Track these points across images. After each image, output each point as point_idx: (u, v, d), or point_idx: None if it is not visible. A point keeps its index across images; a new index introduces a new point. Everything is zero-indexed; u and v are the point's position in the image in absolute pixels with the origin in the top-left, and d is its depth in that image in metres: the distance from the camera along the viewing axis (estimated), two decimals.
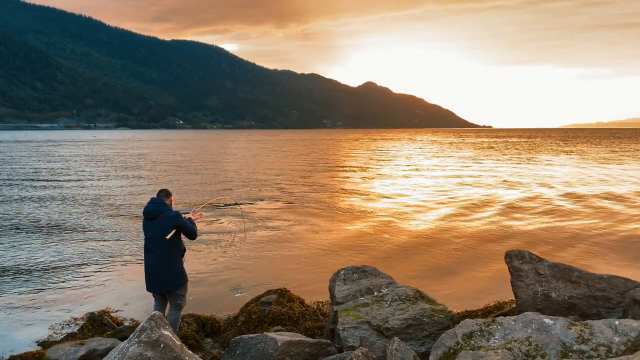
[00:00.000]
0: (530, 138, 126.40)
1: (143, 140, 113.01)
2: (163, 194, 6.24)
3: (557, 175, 30.93)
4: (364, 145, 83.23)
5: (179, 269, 6.11)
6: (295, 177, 30.56)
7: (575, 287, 5.74)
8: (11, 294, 9.14)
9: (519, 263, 6.00)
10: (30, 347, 6.67)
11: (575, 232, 14.27)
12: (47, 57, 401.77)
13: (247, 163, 42.87)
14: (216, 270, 10.72)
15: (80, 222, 15.99)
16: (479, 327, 4.40)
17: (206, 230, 14.74)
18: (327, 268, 10.30)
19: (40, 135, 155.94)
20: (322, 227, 15.29)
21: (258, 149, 68.02)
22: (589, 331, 4.14)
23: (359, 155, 54.50)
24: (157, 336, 3.99)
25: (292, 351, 4.70)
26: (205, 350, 6.70)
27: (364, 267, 6.53)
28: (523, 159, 47.45)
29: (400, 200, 21.02)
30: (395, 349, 4.48)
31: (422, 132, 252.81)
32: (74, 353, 5.63)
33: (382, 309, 5.46)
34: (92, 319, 7.30)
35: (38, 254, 12.03)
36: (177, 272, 6.08)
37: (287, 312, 7.27)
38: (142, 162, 44.35)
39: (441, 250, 12.41)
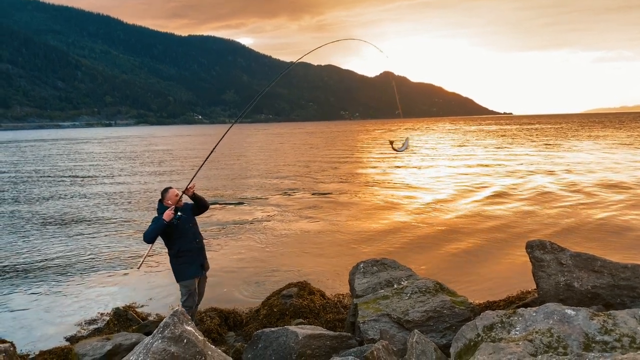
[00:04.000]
0: (554, 124, 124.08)
1: (165, 136, 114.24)
2: (161, 194, 6.36)
3: (585, 161, 30.42)
4: (384, 136, 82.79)
5: (172, 266, 6.31)
6: (318, 170, 30.58)
7: (598, 277, 5.66)
8: (39, 290, 9.39)
9: (540, 253, 5.94)
10: (58, 343, 6.84)
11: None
12: (67, 56, 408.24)
13: (270, 156, 43.02)
14: (238, 263, 10.84)
15: (109, 217, 16.35)
16: (500, 319, 4.37)
17: (228, 223, 14.91)
18: (347, 261, 10.32)
19: (64, 133, 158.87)
20: (344, 219, 15.31)
21: (279, 143, 68.22)
22: (612, 321, 4.09)
23: (381, 146, 54.21)
24: (180, 332, 4.06)
25: (313, 344, 4.74)
26: (228, 343, 6.80)
27: (384, 260, 6.54)
28: (552, 145, 46.65)
29: (424, 191, 20.91)
30: (415, 341, 4.49)
31: (442, 121, 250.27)
32: (101, 348, 5.76)
33: (402, 302, 5.47)
34: (118, 314, 7.46)
35: (66, 249, 12.33)
36: (172, 269, 6.33)
37: (308, 305, 7.32)
38: (168, 157, 44.89)
39: (466, 240, 12.33)
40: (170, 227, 6.03)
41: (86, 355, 5.69)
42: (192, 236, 6.27)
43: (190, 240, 6.24)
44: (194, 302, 6.34)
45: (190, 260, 6.25)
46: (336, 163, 34.74)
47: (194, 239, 6.29)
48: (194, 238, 6.29)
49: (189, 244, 6.23)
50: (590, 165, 28.25)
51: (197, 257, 6.31)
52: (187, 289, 6.28)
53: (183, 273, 6.25)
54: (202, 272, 6.43)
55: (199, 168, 6.81)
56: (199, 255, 6.34)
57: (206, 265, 6.55)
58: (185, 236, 6.21)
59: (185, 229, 6.20)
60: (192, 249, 6.25)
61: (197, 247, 6.32)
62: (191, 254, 6.25)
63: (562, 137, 61.46)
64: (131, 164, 39.01)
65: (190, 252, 6.25)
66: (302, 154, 45.36)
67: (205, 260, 6.51)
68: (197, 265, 6.31)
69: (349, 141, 67.58)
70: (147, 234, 6.03)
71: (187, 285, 6.28)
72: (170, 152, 51.81)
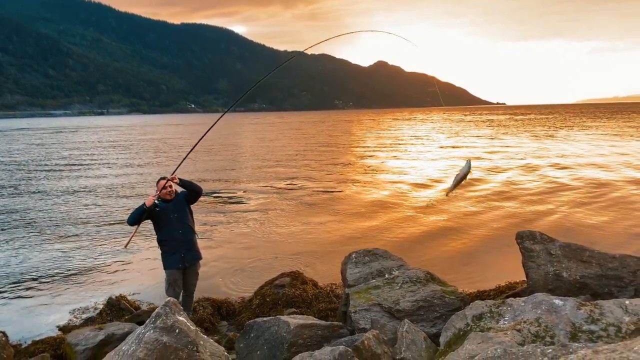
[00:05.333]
0: (547, 115, 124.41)
1: (158, 125, 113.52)
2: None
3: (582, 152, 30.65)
4: (379, 126, 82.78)
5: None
6: (313, 160, 30.54)
7: (586, 267, 5.73)
8: (31, 281, 9.38)
9: (530, 244, 5.99)
10: (51, 332, 6.87)
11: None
12: (58, 44, 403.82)
13: (265, 146, 42.90)
14: (231, 253, 10.87)
15: (100, 208, 16.28)
16: (489, 309, 4.43)
17: (222, 212, 14.91)
18: (340, 251, 10.37)
19: (56, 122, 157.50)
20: (338, 210, 15.36)
21: (273, 133, 68.01)
22: (599, 311, 4.15)
23: (375, 136, 54.22)
24: (172, 322, 4.09)
25: (305, 334, 4.78)
26: (221, 333, 6.84)
27: (375, 250, 6.58)
28: (544, 136, 46.82)
29: (417, 180, 20.99)
30: (405, 330, 4.54)
31: (436, 111, 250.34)
32: (93, 337, 5.78)
33: (393, 291, 5.52)
34: (110, 304, 7.47)
35: (58, 239, 12.31)
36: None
37: (300, 295, 7.37)
38: (163, 146, 44.67)
39: (457, 231, 12.41)
40: (153, 213, 6.11)
41: (78, 344, 5.70)
42: (176, 226, 6.21)
43: (172, 230, 6.21)
44: (175, 293, 6.27)
45: (171, 250, 6.25)
46: (332, 154, 34.74)
47: (177, 230, 6.22)
48: (177, 229, 6.22)
49: (170, 234, 6.22)
50: (581, 157, 28.46)
51: (179, 248, 6.24)
52: (167, 279, 6.34)
53: (164, 262, 6.32)
54: (183, 265, 6.30)
55: (185, 156, 6.76)
56: (181, 247, 6.25)
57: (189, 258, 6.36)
58: (168, 225, 6.21)
59: (168, 218, 6.20)
60: (173, 239, 6.23)
61: (180, 238, 6.23)
62: (172, 244, 6.24)
63: (555, 127, 61.69)
64: (126, 152, 38.82)
65: (172, 242, 6.24)
66: (298, 143, 45.28)
67: (191, 254, 6.37)
68: (177, 257, 6.24)
69: (344, 131, 67.47)
70: (129, 216, 6.22)
71: (168, 275, 6.32)
72: (165, 141, 51.55)
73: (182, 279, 6.41)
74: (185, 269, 6.41)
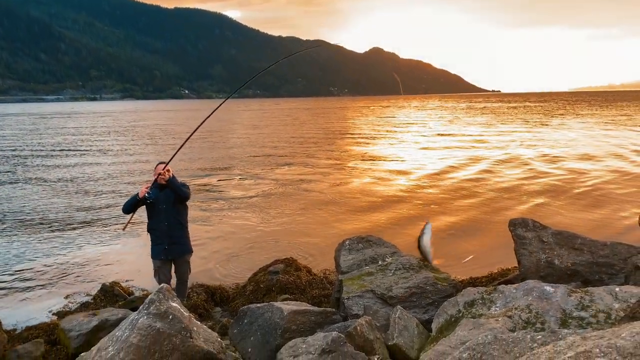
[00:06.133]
0: (542, 102, 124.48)
1: (153, 111, 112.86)
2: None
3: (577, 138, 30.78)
4: (374, 113, 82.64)
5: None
6: (309, 146, 30.53)
7: (578, 254, 5.78)
8: (24, 264, 9.37)
9: (523, 231, 6.03)
10: (45, 318, 6.87)
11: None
12: (50, 28, 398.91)
13: (261, 133, 42.77)
14: (225, 239, 10.89)
15: (96, 194, 16.28)
16: (481, 296, 4.47)
17: (217, 199, 14.91)
18: (334, 237, 10.40)
19: (49, 107, 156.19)
20: (333, 195, 15.42)
21: (269, 119, 67.75)
22: (590, 298, 4.20)
23: (371, 123, 54.15)
24: (165, 308, 4.10)
25: (298, 320, 4.81)
26: (214, 319, 6.87)
27: (369, 237, 6.60)
28: (538, 123, 46.89)
29: (413, 167, 21.10)
30: (398, 317, 4.58)
31: (431, 98, 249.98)
32: (87, 323, 5.79)
33: (386, 278, 5.55)
34: (104, 290, 7.48)
35: (53, 222, 12.29)
36: None
37: (294, 281, 7.41)
38: (159, 132, 44.46)
39: (450, 216, 12.47)
40: (144, 202, 6.13)
41: (72, 330, 5.71)
42: (162, 218, 6.17)
43: (159, 221, 6.19)
44: (160, 281, 6.22)
45: (156, 240, 6.26)
46: (327, 139, 34.72)
47: (163, 222, 6.17)
48: (163, 220, 6.17)
49: (157, 224, 6.22)
50: (572, 142, 28.60)
51: (163, 239, 6.21)
52: (153, 267, 6.38)
53: (151, 250, 6.36)
54: (166, 257, 6.26)
55: (181, 145, 6.71)
56: (165, 239, 6.20)
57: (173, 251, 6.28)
58: (156, 215, 6.21)
59: (158, 208, 6.18)
60: (158, 229, 6.21)
61: (165, 230, 6.18)
62: (157, 234, 6.24)
63: (550, 115, 61.79)
64: (121, 139, 38.61)
65: (157, 232, 6.24)
66: (294, 130, 45.16)
67: (176, 247, 6.29)
68: (161, 248, 6.23)
69: (339, 118, 67.30)
70: (124, 205, 6.30)
71: (153, 264, 6.36)
72: (160, 128, 51.27)
73: (168, 268, 6.39)
74: (176, 259, 6.40)
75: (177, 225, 6.27)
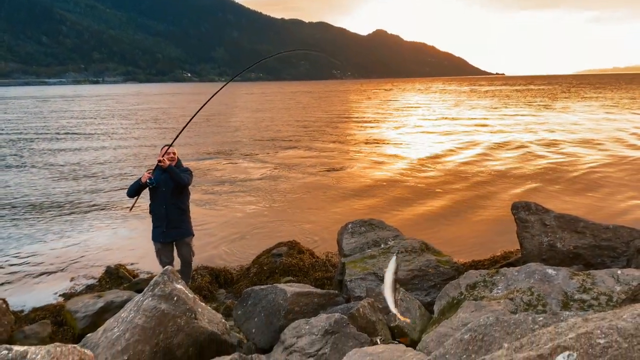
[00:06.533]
0: (546, 85, 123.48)
1: (156, 94, 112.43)
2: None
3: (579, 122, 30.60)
4: (378, 96, 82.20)
5: None
6: (312, 129, 30.42)
7: (580, 237, 5.79)
8: (31, 247, 9.46)
9: (525, 214, 6.04)
10: (51, 300, 6.96)
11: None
12: (51, 10, 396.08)
13: (264, 116, 42.64)
14: (229, 222, 10.94)
15: (105, 173, 16.45)
16: (483, 278, 4.50)
17: (221, 182, 14.94)
18: (336, 220, 10.43)
19: (52, 90, 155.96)
20: (335, 178, 15.44)
21: (272, 103, 67.48)
22: (591, 280, 4.22)
23: (374, 106, 53.88)
24: (170, 290, 4.15)
25: (301, 301, 4.85)
26: (219, 300, 6.95)
27: (371, 221, 6.62)
28: (541, 107, 46.57)
29: (416, 149, 21.09)
30: (400, 299, 4.61)
31: (435, 81, 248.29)
32: (93, 305, 5.86)
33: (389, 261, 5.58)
34: (109, 273, 7.55)
35: (59, 206, 12.39)
36: None
37: (297, 264, 7.46)
38: (162, 116, 44.38)
39: (453, 198, 12.49)
40: (147, 186, 6.17)
41: (78, 312, 5.79)
42: (161, 201, 6.21)
43: (158, 204, 6.24)
44: (162, 263, 6.31)
45: (155, 223, 6.32)
46: (330, 123, 34.59)
47: (162, 205, 6.21)
48: (162, 204, 6.21)
49: (156, 207, 6.27)
50: (574, 126, 28.45)
51: (161, 222, 6.25)
52: (155, 249, 6.43)
53: (151, 232, 6.41)
54: (164, 239, 6.31)
55: (183, 127, 6.69)
56: (162, 222, 6.24)
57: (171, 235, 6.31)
58: (156, 198, 6.26)
59: (158, 191, 6.22)
60: (157, 213, 6.27)
61: (163, 213, 6.22)
62: (156, 217, 6.30)
63: (553, 98, 61.32)
64: (125, 122, 38.59)
65: (156, 215, 6.29)
66: (297, 114, 45.00)
67: (174, 231, 6.31)
68: (159, 231, 6.27)
69: (343, 102, 66.98)
70: (128, 189, 6.38)
71: (154, 246, 6.41)
72: (164, 111, 51.13)
73: (170, 250, 6.43)
74: (176, 242, 6.43)
75: (176, 210, 6.29)
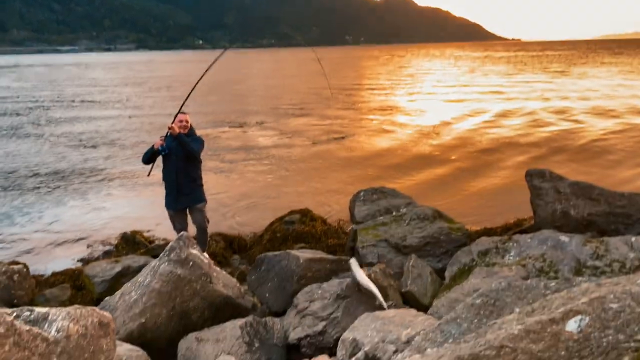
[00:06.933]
0: (564, 51, 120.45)
1: (168, 62, 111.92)
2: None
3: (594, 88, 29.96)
4: (391, 62, 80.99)
5: None
6: (325, 97, 30.09)
7: (595, 205, 5.74)
8: (50, 213, 9.66)
9: (539, 182, 5.98)
10: (70, 265, 7.12)
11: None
12: None
13: (277, 83, 42.34)
14: (242, 190, 11.02)
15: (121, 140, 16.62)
16: (495, 245, 4.51)
17: (234, 149, 15.01)
18: (348, 189, 10.44)
19: (64, 58, 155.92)
20: (348, 146, 15.43)
21: (284, 69, 66.85)
22: (605, 247, 4.21)
23: (388, 73, 53.17)
24: (185, 255, 4.22)
25: (314, 267, 4.92)
26: (233, 266, 7.06)
27: (383, 189, 6.63)
28: (558, 73, 45.58)
29: (431, 116, 20.93)
30: (412, 265, 4.66)
31: (449, 47, 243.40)
32: (110, 270, 6.00)
33: (401, 228, 5.61)
34: (126, 239, 7.69)
35: (78, 172, 12.67)
36: None
37: (309, 231, 7.52)
38: (175, 83, 44.10)
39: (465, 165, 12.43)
40: (159, 153, 6.20)
41: (96, 276, 5.94)
42: (172, 168, 6.20)
43: (169, 171, 6.23)
44: (176, 229, 6.37)
45: (167, 190, 6.33)
46: (343, 90, 34.20)
47: (172, 172, 6.20)
48: (172, 171, 6.20)
49: (167, 174, 6.26)
50: (592, 92, 27.85)
51: (171, 190, 6.27)
52: (168, 215, 6.49)
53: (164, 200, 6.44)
54: (174, 207, 6.34)
55: (190, 91, 6.67)
56: (173, 190, 6.26)
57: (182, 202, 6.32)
58: (167, 165, 6.25)
59: (169, 159, 6.21)
60: (168, 180, 6.27)
61: (173, 180, 6.21)
62: (167, 184, 6.31)
63: (571, 64, 59.87)
64: (139, 90, 38.63)
65: (167, 183, 6.30)
66: (308, 81, 44.56)
67: (185, 198, 6.30)
68: (170, 198, 6.29)
69: (355, 68, 66.13)
70: (142, 156, 6.46)
71: (167, 212, 6.46)
72: (176, 79, 50.90)
73: (183, 217, 6.46)
74: (189, 209, 6.46)
75: (186, 177, 6.27)
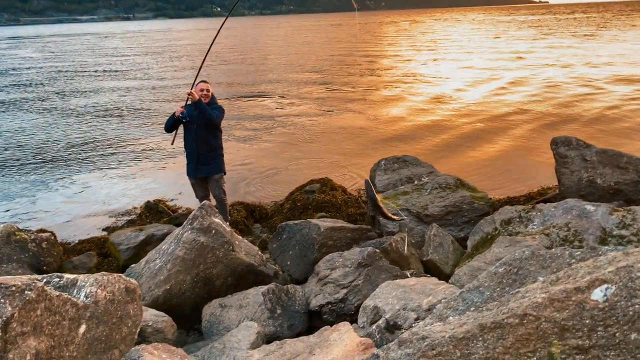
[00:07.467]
0: (594, 13, 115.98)
1: (186, 30, 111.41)
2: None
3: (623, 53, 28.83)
4: (414, 27, 79.23)
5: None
6: (347, 65, 29.76)
7: (622, 173, 5.61)
8: (75, 184, 9.86)
9: (565, 149, 5.86)
10: (96, 233, 7.30)
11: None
12: None
13: (296, 51, 41.85)
14: (262, 160, 11.05)
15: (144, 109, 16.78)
16: (518, 214, 4.45)
17: (254, 118, 15.00)
18: (369, 158, 10.39)
19: (84, 27, 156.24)
20: (372, 116, 15.26)
21: (304, 36, 65.96)
22: (632, 217, 4.12)
23: (411, 39, 52.06)
24: (208, 223, 4.27)
25: (334, 236, 4.94)
26: (254, 234, 7.15)
27: (405, 157, 6.57)
28: (586, 37, 44.05)
29: (451, 85, 20.48)
30: (433, 234, 4.64)
31: (473, 11, 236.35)
32: (135, 238, 6.13)
33: (422, 197, 5.57)
34: (149, 207, 7.82)
35: (102, 141, 12.86)
36: None
37: (330, 200, 7.53)
38: (195, 52, 43.90)
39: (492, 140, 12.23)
40: (180, 121, 6.25)
41: (121, 244, 6.07)
42: (192, 137, 6.22)
43: (189, 140, 6.26)
44: (197, 196, 6.51)
45: (187, 158, 6.41)
46: (366, 58, 33.67)
47: (192, 140, 6.23)
48: (192, 139, 6.22)
49: (188, 143, 6.30)
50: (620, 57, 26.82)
51: (192, 158, 6.32)
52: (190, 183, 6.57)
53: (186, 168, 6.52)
54: (194, 175, 6.40)
55: (201, 63, 6.68)
56: (193, 158, 6.31)
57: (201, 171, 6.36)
58: (187, 134, 6.28)
59: (189, 127, 6.25)
60: (188, 149, 6.32)
61: (194, 148, 6.24)
62: (187, 153, 6.38)
63: (601, 26, 57.70)
64: (160, 58, 38.64)
65: (187, 151, 6.37)
66: (330, 49, 43.93)
67: (204, 167, 6.33)
68: (191, 166, 6.36)
69: (376, 34, 64.86)
70: (165, 124, 6.51)
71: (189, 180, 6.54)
72: (196, 47, 50.66)
73: (203, 186, 6.52)
74: (207, 178, 6.48)
75: (206, 146, 6.29)
